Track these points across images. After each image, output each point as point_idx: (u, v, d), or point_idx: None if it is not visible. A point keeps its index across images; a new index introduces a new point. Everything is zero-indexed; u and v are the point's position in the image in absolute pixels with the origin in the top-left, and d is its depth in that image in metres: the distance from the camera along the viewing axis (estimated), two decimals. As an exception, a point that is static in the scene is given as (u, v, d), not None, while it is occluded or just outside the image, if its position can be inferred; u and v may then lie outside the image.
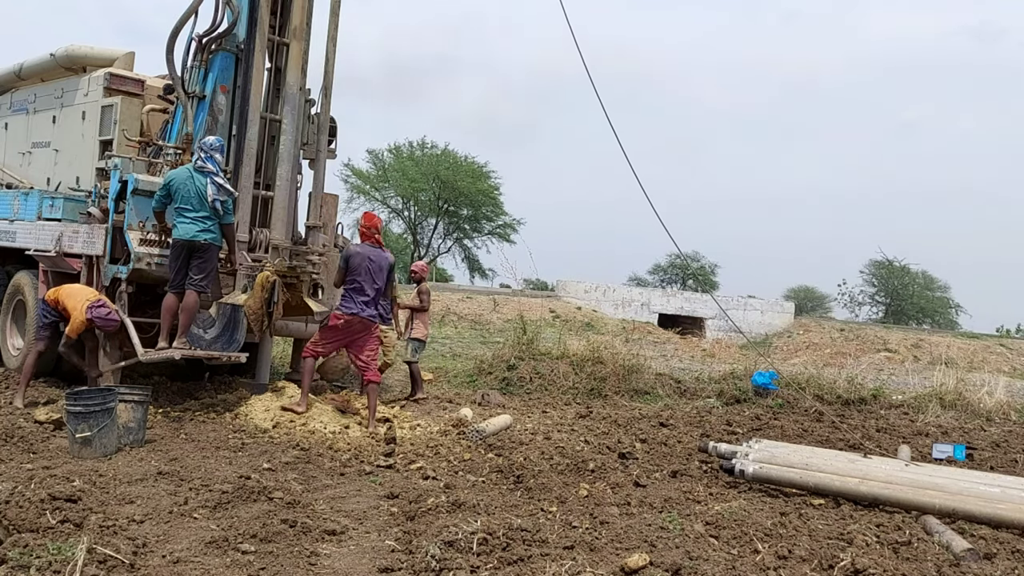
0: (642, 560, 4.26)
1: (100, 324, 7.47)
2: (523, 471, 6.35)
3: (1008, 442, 9.42)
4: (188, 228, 7.51)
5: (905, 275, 38.67)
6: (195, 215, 7.54)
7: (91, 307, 7.39)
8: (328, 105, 9.16)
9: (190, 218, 7.53)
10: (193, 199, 7.54)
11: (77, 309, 7.42)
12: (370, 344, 8.12)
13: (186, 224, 7.52)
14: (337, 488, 5.82)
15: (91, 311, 7.37)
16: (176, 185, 7.52)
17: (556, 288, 28.39)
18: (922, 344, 24.68)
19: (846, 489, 6.09)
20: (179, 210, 7.53)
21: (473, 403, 9.99)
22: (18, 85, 11.36)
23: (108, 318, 7.46)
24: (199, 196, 7.55)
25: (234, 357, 7.92)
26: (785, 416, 10.25)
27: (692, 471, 6.89)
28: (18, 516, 4.30)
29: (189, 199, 7.52)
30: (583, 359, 12.05)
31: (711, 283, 41.17)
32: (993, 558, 4.89)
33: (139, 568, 3.96)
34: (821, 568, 4.49)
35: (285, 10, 8.70)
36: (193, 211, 7.53)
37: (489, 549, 4.39)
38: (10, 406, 7.54)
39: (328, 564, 4.33)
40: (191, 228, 7.52)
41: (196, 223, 7.54)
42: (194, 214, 7.54)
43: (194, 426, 7.35)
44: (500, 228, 41.05)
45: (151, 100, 9.39)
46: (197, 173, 7.59)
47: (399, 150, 40.09)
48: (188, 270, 7.57)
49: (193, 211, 7.53)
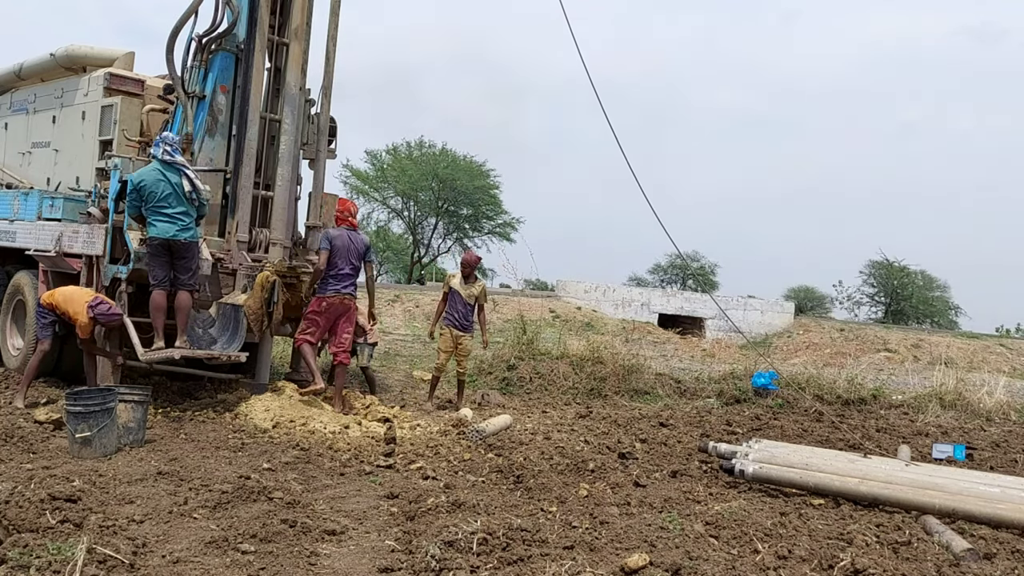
0: (642, 560, 4.26)
1: (104, 320, 7.47)
2: (523, 471, 6.35)
3: (1008, 442, 9.42)
4: (166, 227, 7.44)
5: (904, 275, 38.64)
6: (172, 212, 7.45)
7: (91, 306, 7.39)
8: (328, 105, 9.17)
9: (168, 216, 7.44)
10: (170, 197, 7.44)
11: (80, 312, 7.42)
12: (349, 324, 8.41)
13: (163, 223, 7.44)
14: (337, 488, 5.82)
15: (92, 309, 7.38)
16: (148, 184, 7.40)
17: (556, 288, 28.36)
18: (922, 344, 24.65)
19: (846, 489, 6.09)
20: (155, 208, 7.43)
21: (473, 403, 9.99)
22: (18, 85, 11.35)
23: (110, 313, 7.46)
24: (176, 193, 7.46)
25: (234, 357, 7.93)
26: (785, 416, 10.25)
27: (692, 471, 6.89)
28: (18, 516, 4.30)
29: (165, 197, 7.43)
30: (583, 359, 12.05)
31: (711, 283, 41.10)
32: (993, 558, 4.89)
33: (139, 568, 3.96)
34: (821, 568, 4.49)
35: (285, 10, 8.71)
36: (170, 208, 7.45)
37: (489, 549, 4.39)
38: (10, 406, 7.55)
39: (328, 564, 4.33)
40: (169, 227, 7.45)
41: (174, 221, 7.46)
42: (171, 211, 7.45)
43: (194, 426, 7.35)
44: (500, 227, 41.02)
45: (151, 100, 9.39)
46: (167, 168, 7.49)
47: (396, 150, 40.09)
48: (173, 270, 7.56)
49: (170, 208, 7.45)
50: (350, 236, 8.36)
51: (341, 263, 8.21)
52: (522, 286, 22.35)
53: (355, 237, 8.42)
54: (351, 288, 8.39)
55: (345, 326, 8.40)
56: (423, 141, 40.32)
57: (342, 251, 8.21)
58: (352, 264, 8.32)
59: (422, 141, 40.32)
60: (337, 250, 8.18)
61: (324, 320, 8.26)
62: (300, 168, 9.15)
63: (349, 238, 8.32)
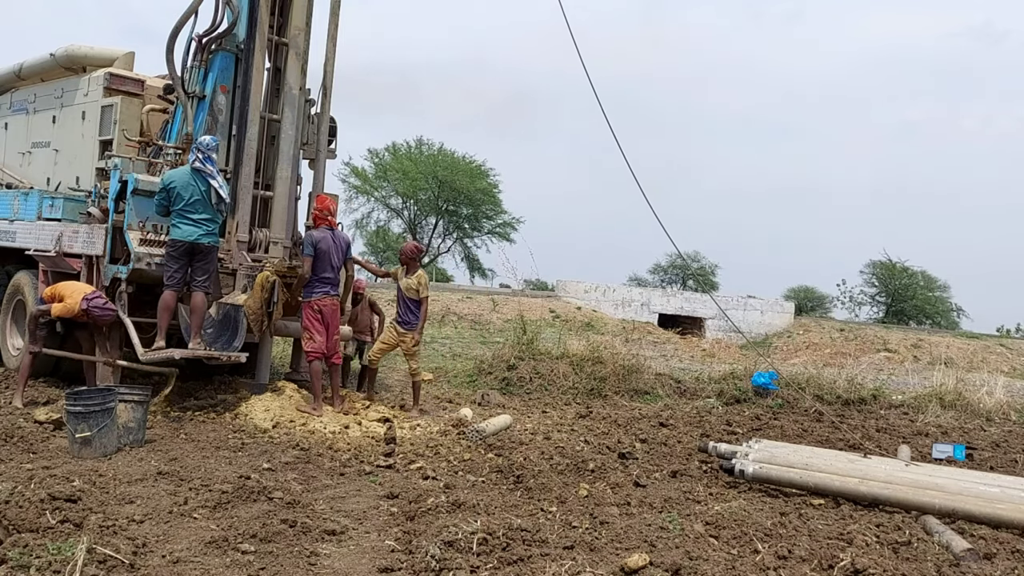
0: (642, 560, 4.26)
1: (97, 315, 7.46)
2: (523, 471, 6.35)
3: (1008, 442, 9.42)
4: (191, 230, 7.53)
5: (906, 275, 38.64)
6: (199, 217, 7.57)
7: (87, 297, 7.40)
8: (328, 105, 9.17)
9: (193, 220, 7.55)
10: (198, 202, 7.56)
11: (73, 298, 7.44)
12: (336, 325, 8.40)
13: (188, 226, 7.53)
14: (337, 488, 5.82)
15: (87, 301, 7.38)
16: (178, 187, 7.52)
17: (556, 288, 28.37)
18: (922, 344, 24.66)
19: (846, 489, 6.09)
20: (182, 211, 7.53)
21: (473, 403, 9.99)
22: (18, 85, 11.36)
23: (105, 308, 7.48)
24: (203, 199, 7.57)
25: (234, 357, 7.93)
26: (785, 416, 10.26)
27: (692, 471, 6.89)
28: (18, 516, 4.30)
29: (194, 202, 7.54)
30: (583, 359, 12.05)
31: (711, 283, 41.10)
32: (993, 558, 4.89)
33: (139, 568, 3.96)
34: (821, 568, 4.49)
35: (285, 10, 8.71)
36: (197, 213, 7.56)
37: (489, 549, 4.39)
38: (10, 406, 7.55)
39: (328, 564, 4.33)
40: (194, 230, 7.54)
41: (200, 225, 7.57)
42: (198, 216, 7.56)
43: (194, 426, 7.35)
44: (500, 227, 41.04)
45: (151, 100, 9.40)
46: (196, 174, 7.59)
47: (396, 149, 40.10)
48: (191, 271, 7.60)
49: (197, 213, 7.56)
50: (333, 237, 8.28)
51: (326, 266, 8.17)
52: (522, 286, 22.34)
53: (337, 237, 8.36)
54: (337, 288, 8.41)
55: (336, 327, 8.41)
56: (423, 141, 40.37)
57: (326, 254, 8.15)
58: (336, 265, 8.30)
59: (422, 141, 40.37)
60: (322, 253, 8.11)
61: (322, 324, 8.21)
62: (300, 168, 9.15)
63: (332, 239, 8.27)
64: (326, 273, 8.17)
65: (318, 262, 8.10)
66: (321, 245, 8.11)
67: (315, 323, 8.17)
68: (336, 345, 8.43)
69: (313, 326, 8.16)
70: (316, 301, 8.15)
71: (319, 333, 8.17)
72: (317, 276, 8.13)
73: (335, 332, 8.39)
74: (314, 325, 8.17)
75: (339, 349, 8.55)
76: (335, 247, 8.25)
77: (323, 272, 8.15)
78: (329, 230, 8.31)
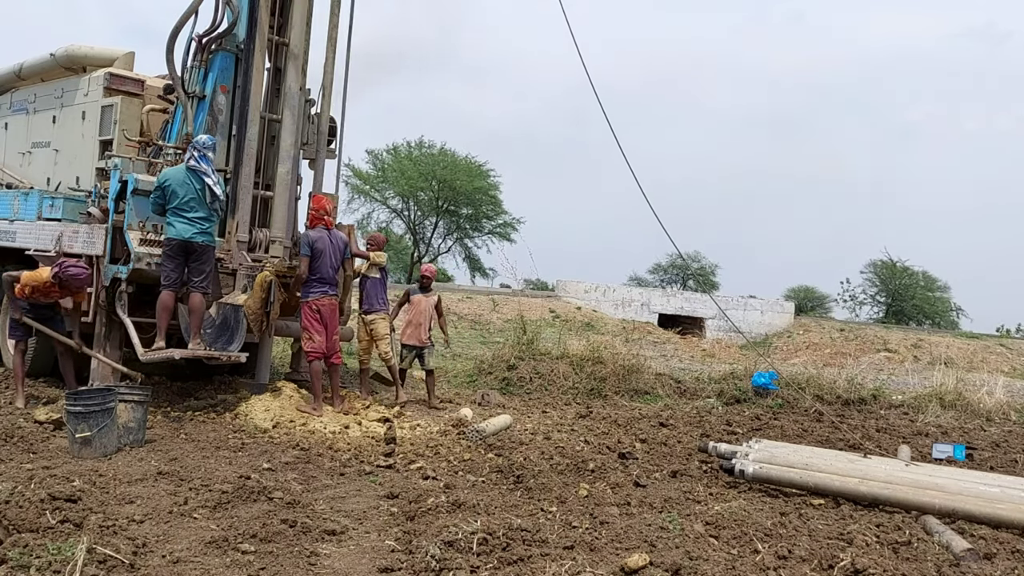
0: (642, 560, 4.26)
1: (67, 278, 7.36)
2: (523, 471, 6.35)
3: (1008, 442, 9.42)
4: (185, 228, 7.51)
5: (906, 275, 38.61)
6: (193, 216, 7.55)
7: (58, 264, 7.36)
8: (328, 105, 9.17)
9: (188, 219, 7.53)
10: (193, 200, 7.54)
11: (42, 273, 7.44)
12: (335, 325, 8.43)
13: (183, 224, 7.51)
14: (337, 488, 5.82)
15: (59, 267, 7.31)
16: (173, 186, 7.50)
17: (556, 288, 28.35)
18: (922, 344, 24.64)
19: (846, 489, 6.09)
20: (177, 210, 7.51)
21: (473, 403, 9.99)
22: (18, 85, 11.36)
23: (78, 267, 7.41)
24: (199, 198, 7.56)
25: (234, 357, 7.93)
26: (785, 416, 10.26)
27: (692, 471, 6.89)
28: (18, 516, 4.30)
29: (189, 200, 7.52)
30: (583, 359, 12.05)
31: (711, 283, 41.06)
32: (993, 558, 4.89)
33: (139, 568, 3.96)
34: (821, 568, 4.49)
35: (285, 10, 8.71)
36: (191, 211, 7.54)
37: (489, 549, 4.39)
38: (10, 406, 7.55)
39: (328, 564, 4.33)
40: (188, 229, 7.52)
41: (194, 224, 7.55)
42: (192, 215, 7.54)
43: (194, 426, 7.35)
44: (500, 227, 41.01)
45: (151, 100, 9.40)
46: (191, 173, 7.58)
47: (397, 150, 40.08)
48: (187, 271, 7.59)
49: (191, 211, 7.54)
50: (330, 237, 8.28)
51: (324, 266, 8.17)
52: (522, 286, 22.37)
53: (334, 237, 8.35)
54: (336, 289, 8.42)
55: (335, 327, 8.41)
56: (423, 141, 40.36)
57: (324, 254, 8.15)
58: (334, 265, 8.30)
59: (422, 141, 40.36)
60: (319, 253, 8.11)
61: (321, 324, 8.22)
62: (300, 168, 9.15)
63: (329, 239, 8.26)
64: (324, 273, 8.17)
65: (315, 262, 8.11)
66: (318, 245, 8.12)
67: (314, 323, 8.18)
68: (336, 345, 8.43)
69: (312, 326, 8.17)
70: (314, 301, 8.15)
71: (318, 333, 8.18)
72: (315, 276, 8.14)
73: (334, 332, 8.39)
74: (313, 325, 8.17)
75: (338, 349, 8.55)
76: (332, 247, 8.25)
77: (321, 272, 8.15)
78: (326, 230, 8.31)
